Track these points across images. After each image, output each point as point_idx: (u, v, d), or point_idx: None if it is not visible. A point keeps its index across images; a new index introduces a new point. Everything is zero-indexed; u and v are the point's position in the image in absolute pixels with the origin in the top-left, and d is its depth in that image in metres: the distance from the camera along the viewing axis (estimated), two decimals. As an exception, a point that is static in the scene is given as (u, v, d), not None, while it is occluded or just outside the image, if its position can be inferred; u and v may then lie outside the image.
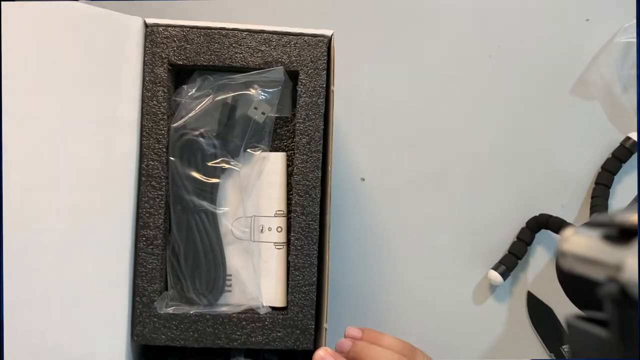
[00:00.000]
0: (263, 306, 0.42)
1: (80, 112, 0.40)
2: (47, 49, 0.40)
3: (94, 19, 0.40)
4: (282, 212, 0.44)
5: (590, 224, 0.22)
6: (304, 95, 0.42)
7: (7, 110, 0.40)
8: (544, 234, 0.55)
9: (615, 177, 0.54)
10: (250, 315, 0.41)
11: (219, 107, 0.42)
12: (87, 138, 0.40)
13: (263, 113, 0.42)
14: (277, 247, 0.43)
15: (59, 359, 0.40)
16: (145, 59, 0.41)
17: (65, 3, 0.40)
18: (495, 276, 0.53)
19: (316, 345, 0.42)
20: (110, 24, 0.40)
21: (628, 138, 0.54)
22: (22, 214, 0.40)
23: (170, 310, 0.41)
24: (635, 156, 0.54)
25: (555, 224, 0.52)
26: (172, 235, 0.42)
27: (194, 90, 0.42)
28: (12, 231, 0.40)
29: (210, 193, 0.42)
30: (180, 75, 0.44)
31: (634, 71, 0.54)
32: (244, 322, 0.41)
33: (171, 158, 0.41)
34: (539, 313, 0.54)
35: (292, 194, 0.42)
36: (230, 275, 0.43)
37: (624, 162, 0.54)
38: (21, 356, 0.39)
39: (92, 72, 0.40)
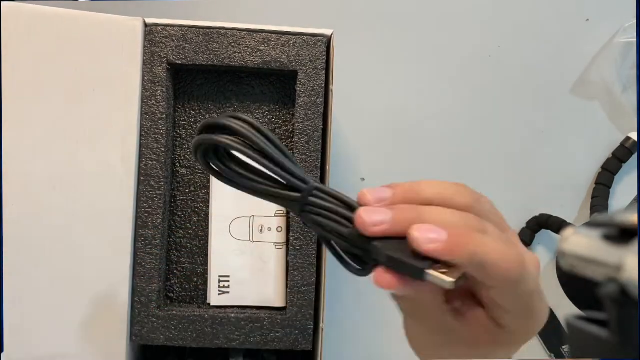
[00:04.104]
0: (261, 307, 0.42)
1: (80, 112, 0.40)
2: (46, 51, 0.40)
3: (95, 24, 0.40)
4: (282, 212, 0.43)
5: (590, 224, 0.22)
6: (303, 95, 0.42)
7: (7, 111, 0.40)
8: (544, 234, 0.54)
9: (615, 177, 0.54)
10: (249, 315, 0.41)
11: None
12: (86, 138, 0.40)
13: None
14: (277, 247, 0.43)
15: (58, 358, 0.40)
16: (144, 58, 0.41)
17: (66, 10, 0.40)
18: (495, 276, 0.53)
19: (315, 345, 0.42)
20: (110, 27, 0.40)
21: (628, 138, 0.54)
22: (21, 214, 0.40)
23: (168, 310, 0.41)
24: (635, 156, 0.54)
25: (555, 224, 0.52)
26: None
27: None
28: (12, 231, 0.39)
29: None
30: (179, 74, 0.44)
31: (634, 71, 0.54)
32: (242, 323, 0.41)
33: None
34: (538, 313, 0.54)
35: (291, 194, 0.42)
36: (229, 276, 0.43)
37: (624, 162, 0.54)
38: (21, 355, 0.39)
39: (92, 72, 0.40)
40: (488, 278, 0.23)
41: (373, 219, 0.24)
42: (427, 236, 0.23)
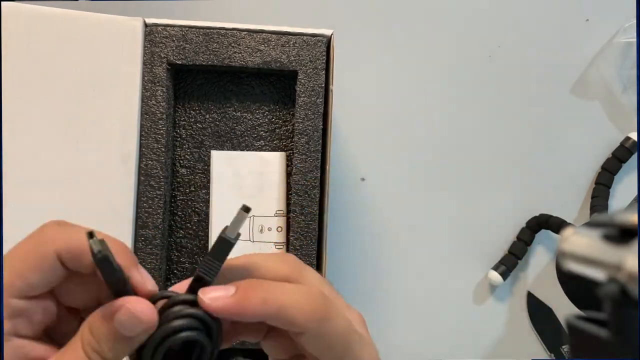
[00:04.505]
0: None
1: (80, 112, 0.40)
2: (46, 51, 0.40)
3: (95, 24, 0.40)
4: (282, 212, 0.43)
5: (590, 224, 0.22)
6: (303, 95, 0.42)
7: (7, 111, 0.40)
8: (544, 234, 0.54)
9: (615, 177, 0.54)
10: (249, 315, 0.41)
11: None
12: (86, 138, 0.40)
13: None
14: (277, 247, 0.43)
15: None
16: (145, 58, 0.41)
17: (65, 10, 0.40)
18: (495, 276, 0.53)
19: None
20: (110, 27, 0.40)
21: (628, 138, 0.54)
22: (22, 214, 0.40)
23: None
24: (635, 156, 0.54)
25: (555, 224, 0.52)
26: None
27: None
28: (12, 231, 0.39)
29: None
30: (179, 74, 0.44)
31: (634, 71, 0.54)
32: (243, 323, 0.41)
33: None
34: (539, 313, 0.54)
35: (291, 194, 0.42)
36: (229, 275, 0.43)
37: (624, 162, 0.54)
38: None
39: (92, 72, 0.40)
40: (288, 324, 0.22)
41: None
42: (211, 295, 0.22)
